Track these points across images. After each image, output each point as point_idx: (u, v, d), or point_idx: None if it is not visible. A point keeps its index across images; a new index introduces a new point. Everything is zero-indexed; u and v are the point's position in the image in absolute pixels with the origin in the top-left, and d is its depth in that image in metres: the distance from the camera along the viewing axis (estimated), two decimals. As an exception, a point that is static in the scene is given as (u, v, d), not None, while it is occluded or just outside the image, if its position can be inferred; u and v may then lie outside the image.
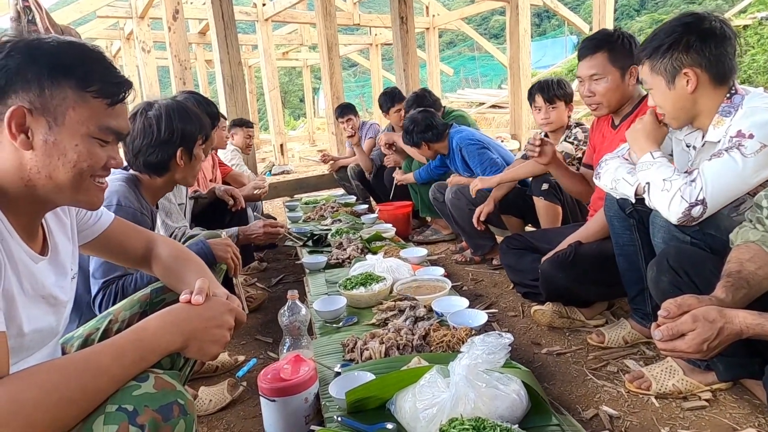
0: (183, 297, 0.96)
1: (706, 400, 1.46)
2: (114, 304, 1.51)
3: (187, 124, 1.75)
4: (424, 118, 3.07)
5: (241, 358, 2.00)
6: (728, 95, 1.39)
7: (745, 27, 9.47)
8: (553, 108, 2.58)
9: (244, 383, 1.77)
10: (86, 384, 0.74)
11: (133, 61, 9.01)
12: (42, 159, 0.86)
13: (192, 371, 1.40)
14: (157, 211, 1.86)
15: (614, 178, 1.60)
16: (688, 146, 1.58)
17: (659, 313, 1.06)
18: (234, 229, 2.25)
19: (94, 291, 1.55)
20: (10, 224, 0.88)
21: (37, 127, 0.85)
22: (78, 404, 0.74)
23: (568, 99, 2.60)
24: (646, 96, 1.91)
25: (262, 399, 1.35)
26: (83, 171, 0.89)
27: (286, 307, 1.60)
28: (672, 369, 1.53)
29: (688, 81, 1.39)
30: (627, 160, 1.64)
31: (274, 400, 1.33)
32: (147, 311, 1.33)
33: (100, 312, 1.53)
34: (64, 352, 1.18)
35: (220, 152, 3.62)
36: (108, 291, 1.54)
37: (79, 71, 0.87)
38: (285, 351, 1.59)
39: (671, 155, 1.65)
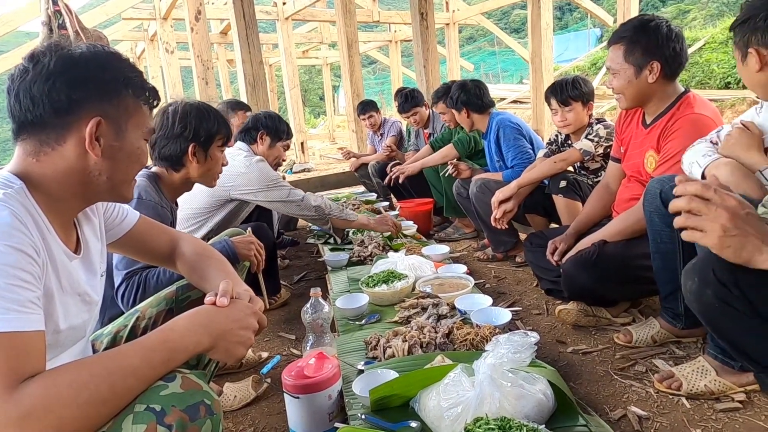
0: (208, 299, 0.98)
1: (740, 402, 1.42)
2: (137, 295, 1.54)
3: (203, 122, 1.78)
4: (474, 86, 3.08)
5: (265, 354, 2.02)
6: None
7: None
8: (569, 110, 2.51)
9: (269, 380, 1.78)
10: (115, 383, 0.76)
11: (156, 61, 9.17)
12: (106, 162, 0.93)
13: (217, 368, 1.41)
14: (177, 207, 1.89)
15: (691, 161, 1.53)
16: None
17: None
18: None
19: (117, 282, 1.58)
20: (50, 223, 0.91)
21: (106, 135, 0.92)
22: (107, 403, 0.75)
23: (585, 98, 2.50)
24: (684, 95, 1.81)
25: (286, 396, 1.36)
26: (136, 170, 1.00)
27: (309, 305, 1.60)
28: (704, 369, 1.49)
29: (755, 60, 1.32)
30: (715, 144, 1.56)
31: (298, 397, 1.33)
32: (173, 308, 1.35)
33: (123, 303, 1.56)
34: (93, 349, 1.21)
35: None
36: (131, 282, 1.57)
37: (134, 82, 0.96)
38: (308, 348, 1.60)
39: None
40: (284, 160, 2.96)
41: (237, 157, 2.50)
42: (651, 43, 1.77)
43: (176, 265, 1.30)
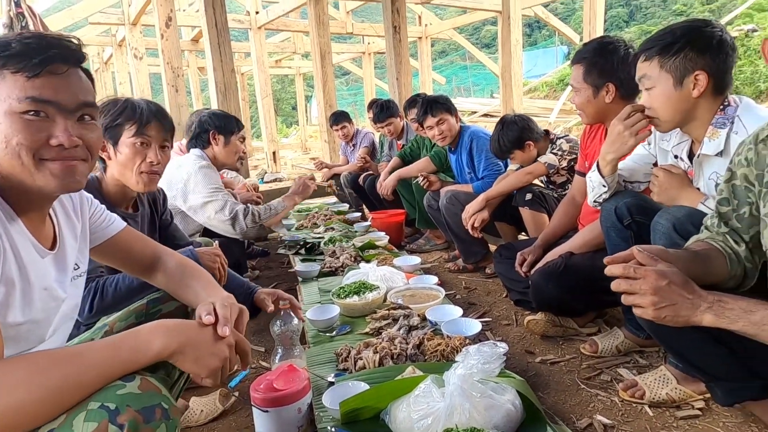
0: (206, 318, 0.97)
1: (699, 409, 1.47)
2: (93, 302, 1.49)
3: (108, 110, 1.64)
4: (447, 99, 3.16)
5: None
6: (721, 106, 1.40)
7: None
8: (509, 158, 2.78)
9: (236, 393, 1.75)
10: (69, 374, 0.75)
11: (125, 67, 8.98)
12: None
13: (186, 384, 1.38)
14: (137, 213, 1.79)
15: (592, 187, 1.67)
16: (676, 157, 1.58)
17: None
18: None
19: None
20: (15, 213, 0.90)
21: None
22: (59, 393, 0.74)
23: (518, 146, 2.64)
24: None
25: (254, 409, 1.34)
26: (15, 149, 0.85)
27: (278, 317, 1.58)
28: (665, 378, 1.53)
29: (695, 85, 1.36)
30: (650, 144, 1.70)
31: (266, 411, 1.31)
32: (143, 321, 1.32)
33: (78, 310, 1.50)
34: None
35: None
36: (87, 288, 1.50)
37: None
38: (277, 361, 1.57)
39: (655, 165, 1.66)
40: (245, 152, 2.87)
41: (184, 165, 2.45)
42: (607, 66, 1.84)
43: (156, 277, 1.30)
